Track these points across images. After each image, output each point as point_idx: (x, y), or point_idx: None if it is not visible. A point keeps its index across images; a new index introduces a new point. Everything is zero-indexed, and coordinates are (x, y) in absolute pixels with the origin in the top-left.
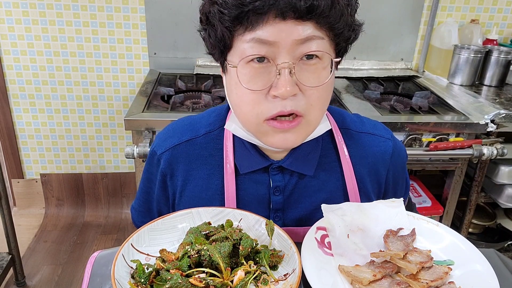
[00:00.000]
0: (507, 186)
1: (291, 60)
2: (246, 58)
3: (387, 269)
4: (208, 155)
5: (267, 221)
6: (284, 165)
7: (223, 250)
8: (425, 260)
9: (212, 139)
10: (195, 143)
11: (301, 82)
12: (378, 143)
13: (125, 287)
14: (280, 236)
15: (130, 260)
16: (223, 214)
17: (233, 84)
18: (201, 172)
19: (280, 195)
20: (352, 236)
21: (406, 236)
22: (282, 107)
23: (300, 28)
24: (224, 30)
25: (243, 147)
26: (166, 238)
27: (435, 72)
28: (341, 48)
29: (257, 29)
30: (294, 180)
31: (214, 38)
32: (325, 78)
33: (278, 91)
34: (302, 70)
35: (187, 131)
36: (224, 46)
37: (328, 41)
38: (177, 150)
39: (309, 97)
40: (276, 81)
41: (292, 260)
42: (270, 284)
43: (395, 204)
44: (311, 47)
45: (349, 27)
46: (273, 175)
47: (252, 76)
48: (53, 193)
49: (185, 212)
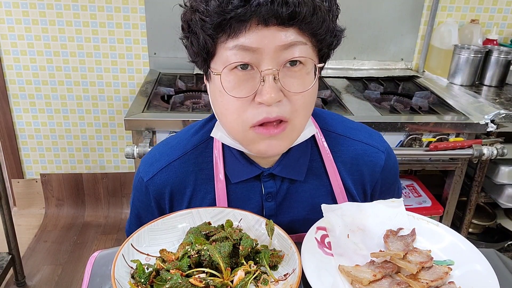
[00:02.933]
0: (507, 186)
1: (275, 67)
2: (230, 66)
3: (387, 269)
4: (199, 170)
5: (267, 221)
6: (274, 172)
7: (223, 250)
8: (425, 260)
9: (201, 153)
10: (185, 160)
11: (285, 88)
12: (370, 153)
13: (125, 287)
14: (280, 236)
15: (130, 260)
16: (223, 214)
17: (217, 92)
18: (194, 187)
19: (273, 201)
20: (352, 236)
21: (406, 236)
22: (267, 113)
23: (283, 34)
24: (206, 38)
25: (232, 156)
26: (166, 238)
27: (435, 72)
28: (323, 54)
29: (240, 36)
30: (285, 185)
31: (197, 46)
32: (309, 83)
33: (263, 98)
34: (286, 76)
35: (175, 151)
36: (207, 54)
37: (311, 47)
38: (166, 173)
39: (294, 103)
40: (260, 88)
41: (292, 260)
42: (270, 284)
43: (395, 204)
44: (295, 53)
45: (331, 32)
46: (264, 182)
47: (236, 84)
48: (53, 193)
49: (185, 212)
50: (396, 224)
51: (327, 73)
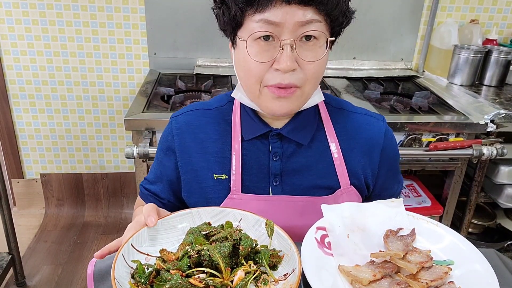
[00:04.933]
0: (507, 186)
1: (293, 38)
2: (255, 35)
3: (387, 269)
4: (217, 123)
5: (267, 221)
6: (282, 132)
7: (223, 250)
8: (425, 260)
9: (221, 112)
10: (207, 113)
11: (300, 57)
12: (372, 122)
13: (125, 287)
14: (280, 236)
15: (131, 260)
16: (223, 214)
17: (241, 57)
18: (210, 136)
19: (279, 160)
20: (352, 236)
21: (406, 236)
22: (281, 79)
23: (303, 12)
24: (237, 10)
25: (247, 116)
26: (166, 238)
27: (435, 72)
28: (335, 31)
29: (266, 11)
30: (291, 148)
31: (228, 16)
32: (321, 55)
33: (280, 65)
34: (302, 48)
35: (200, 105)
36: (235, 24)
37: (325, 24)
38: (189, 115)
39: (306, 72)
40: (279, 56)
41: (292, 260)
42: (270, 284)
43: (395, 204)
44: (310, 28)
45: (344, 13)
46: (272, 143)
47: (259, 51)
48: (53, 193)
49: (185, 212)
50: (396, 224)
51: (327, 73)
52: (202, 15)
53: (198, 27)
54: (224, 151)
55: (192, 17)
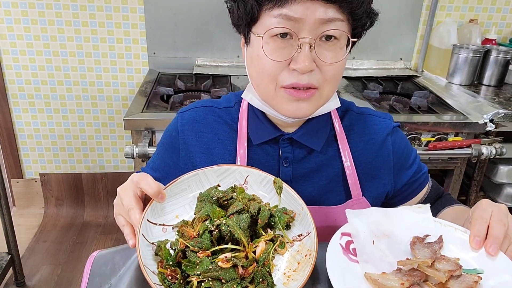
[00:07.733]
0: (506, 185)
1: (312, 36)
2: (271, 31)
3: (415, 277)
4: (224, 122)
5: (275, 179)
6: (294, 137)
7: (242, 224)
8: (454, 268)
9: (229, 113)
10: (214, 111)
11: (319, 58)
12: (379, 122)
13: (151, 268)
14: (289, 194)
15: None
16: (229, 172)
17: (255, 55)
18: (216, 136)
19: (289, 166)
20: (378, 242)
21: (433, 243)
22: (298, 79)
23: (324, 9)
24: (254, 4)
25: (256, 119)
26: (178, 203)
27: (434, 71)
28: (357, 33)
29: (285, 6)
30: (302, 153)
31: (243, 10)
32: (341, 56)
33: (298, 65)
34: (321, 48)
35: (209, 102)
36: (251, 18)
37: (347, 24)
38: (195, 112)
39: (325, 73)
40: (296, 55)
41: (305, 221)
42: (287, 246)
43: (422, 210)
44: (332, 27)
45: (367, 14)
46: (283, 147)
47: (275, 49)
48: (52, 193)
49: (191, 175)
50: (423, 230)
51: None
52: (202, 15)
53: (198, 26)
54: (230, 155)
55: (192, 16)
